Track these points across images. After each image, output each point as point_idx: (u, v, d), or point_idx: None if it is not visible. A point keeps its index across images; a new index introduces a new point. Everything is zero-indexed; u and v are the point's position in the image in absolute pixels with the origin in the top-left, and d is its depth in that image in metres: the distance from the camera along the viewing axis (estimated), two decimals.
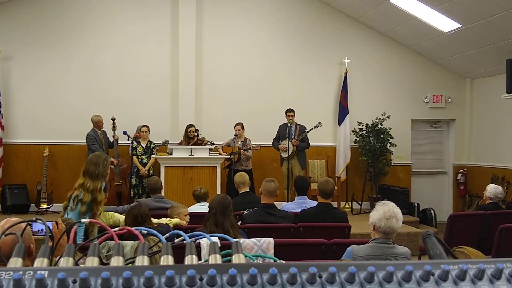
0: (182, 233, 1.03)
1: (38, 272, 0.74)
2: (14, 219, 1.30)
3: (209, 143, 8.81)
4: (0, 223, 2.18)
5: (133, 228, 1.04)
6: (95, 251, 0.85)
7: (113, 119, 8.95)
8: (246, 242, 3.79)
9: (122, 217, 4.75)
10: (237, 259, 0.86)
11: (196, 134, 8.94)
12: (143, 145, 8.94)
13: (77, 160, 9.23)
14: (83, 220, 1.15)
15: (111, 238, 1.00)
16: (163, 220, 4.79)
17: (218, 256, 0.86)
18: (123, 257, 0.85)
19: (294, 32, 10.25)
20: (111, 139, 9.02)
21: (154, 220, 4.58)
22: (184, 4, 9.67)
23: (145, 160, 8.88)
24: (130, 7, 9.66)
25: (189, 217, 5.21)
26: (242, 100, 9.92)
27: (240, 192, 6.09)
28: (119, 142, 9.00)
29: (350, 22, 10.41)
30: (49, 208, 8.84)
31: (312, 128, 8.89)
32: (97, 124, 8.84)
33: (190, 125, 9.00)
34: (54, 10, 9.42)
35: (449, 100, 10.89)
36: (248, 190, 6.10)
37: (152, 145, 9.00)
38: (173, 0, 9.73)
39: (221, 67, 9.92)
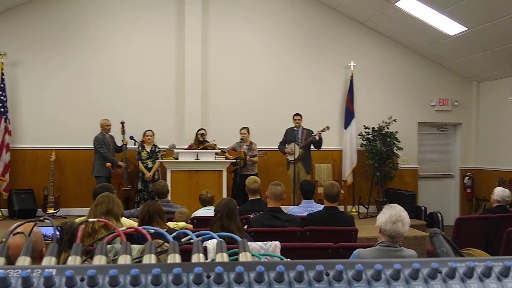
0: (189, 232, 1.03)
1: (46, 270, 0.74)
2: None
3: (220, 150, 8.80)
4: (11, 227, 2.19)
5: (140, 227, 1.04)
6: (102, 250, 0.86)
7: (122, 123, 8.98)
8: (252, 245, 3.76)
9: (128, 221, 4.75)
10: (244, 257, 0.86)
11: (203, 138, 8.93)
12: (148, 149, 8.91)
13: (84, 165, 9.25)
14: (90, 220, 1.15)
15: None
16: (170, 224, 4.79)
17: (225, 255, 0.86)
18: (131, 256, 0.85)
19: (299, 36, 10.25)
20: (120, 143, 9.04)
21: None
22: (190, 5, 9.71)
23: (149, 165, 8.84)
24: (137, 12, 9.70)
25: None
26: (248, 103, 9.93)
27: (249, 199, 5.92)
28: (127, 147, 9.01)
29: (356, 26, 10.42)
30: (55, 213, 8.83)
31: (320, 132, 8.81)
32: (103, 127, 8.87)
33: (201, 129, 9.02)
34: (61, 18, 9.46)
35: (456, 103, 10.86)
36: (258, 197, 5.90)
37: (157, 149, 8.98)
38: (179, 1, 9.78)
39: (227, 71, 9.94)
